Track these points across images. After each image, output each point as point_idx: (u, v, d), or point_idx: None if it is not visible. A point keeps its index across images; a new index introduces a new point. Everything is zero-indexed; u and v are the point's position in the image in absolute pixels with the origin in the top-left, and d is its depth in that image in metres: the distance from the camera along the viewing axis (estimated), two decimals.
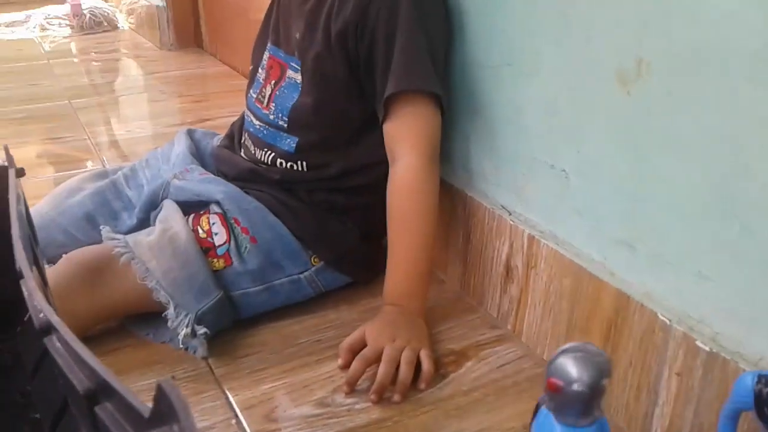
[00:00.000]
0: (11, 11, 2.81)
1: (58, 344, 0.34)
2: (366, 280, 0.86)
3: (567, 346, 0.49)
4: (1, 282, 0.54)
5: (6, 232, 0.51)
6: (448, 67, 0.81)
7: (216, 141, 0.98)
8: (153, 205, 0.86)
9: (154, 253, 0.75)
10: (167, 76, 1.96)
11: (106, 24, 2.53)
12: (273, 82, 0.84)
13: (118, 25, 2.57)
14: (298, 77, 0.81)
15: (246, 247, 0.78)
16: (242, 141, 0.90)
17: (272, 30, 0.87)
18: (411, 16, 0.74)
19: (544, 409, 0.50)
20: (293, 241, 0.80)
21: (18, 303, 0.55)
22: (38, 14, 2.60)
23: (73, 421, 0.43)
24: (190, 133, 0.97)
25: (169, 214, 0.79)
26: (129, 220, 0.87)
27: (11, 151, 0.53)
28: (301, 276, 0.81)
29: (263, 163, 0.84)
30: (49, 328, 0.35)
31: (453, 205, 0.86)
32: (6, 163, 0.53)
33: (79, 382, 0.31)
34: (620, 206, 0.64)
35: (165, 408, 0.25)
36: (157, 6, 2.22)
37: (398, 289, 0.76)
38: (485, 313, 0.83)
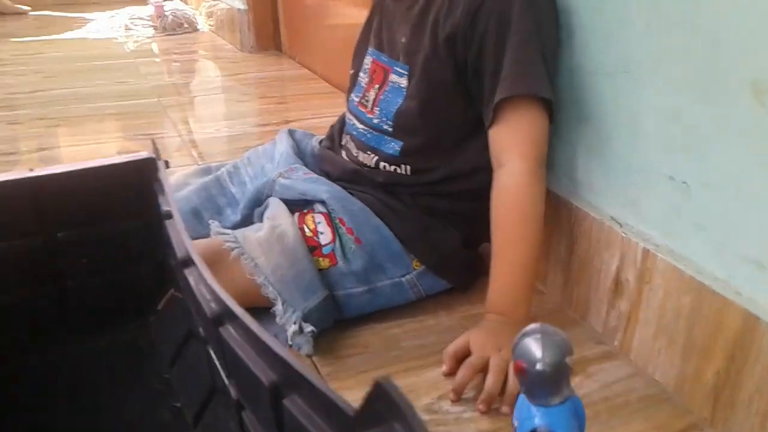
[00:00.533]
0: (96, 11, 2.91)
1: (233, 332, 0.34)
2: (464, 287, 0.86)
3: (527, 328, 0.51)
4: (137, 270, 0.55)
5: (148, 222, 0.53)
6: (555, 73, 0.80)
7: (315, 141, 0.99)
8: (257, 201, 0.87)
9: (263, 250, 0.76)
10: (248, 78, 2.00)
11: (186, 26, 2.59)
12: (376, 86, 0.85)
13: (198, 27, 2.64)
14: (403, 81, 0.81)
15: (351, 248, 0.79)
16: (343, 143, 0.91)
17: (374, 35, 0.87)
18: (524, 21, 0.73)
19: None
20: (396, 244, 0.80)
21: (152, 290, 0.56)
22: (123, 14, 2.68)
23: (220, 412, 0.43)
24: (291, 133, 0.98)
25: (277, 212, 0.80)
26: (233, 215, 0.89)
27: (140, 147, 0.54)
28: (403, 279, 0.81)
29: (366, 165, 0.84)
30: (222, 318, 0.35)
31: (556, 214, 0.84)
32: (152, 155, 0.54)
33: (263, 373, 0.31)
34: (751, 222, 0.61)
35: (381, 407, 0.25)
36: (239, 9, 2.27)
37: (503, 298, 0.75)
38: (589, 327, 0.81)
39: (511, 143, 0.74)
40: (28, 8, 2.95)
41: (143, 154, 0.54)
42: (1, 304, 0.48)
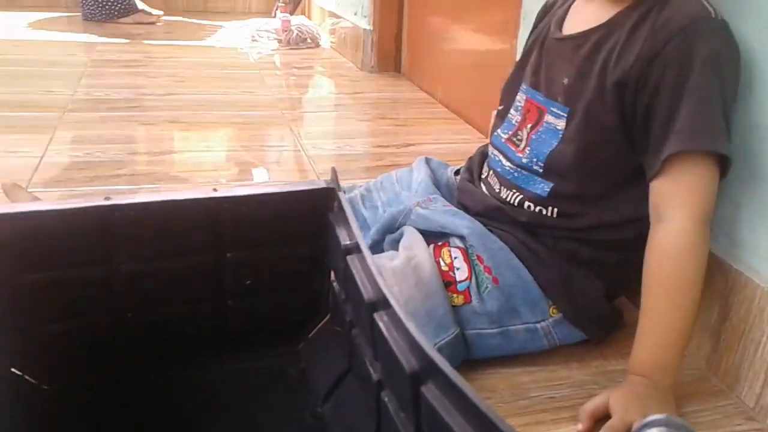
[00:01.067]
0: (224, 20, 3.03)
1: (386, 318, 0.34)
2: (600, 339, 0.81)
3: (651, 418, 0.48)
4: (294, 297, 0.55)
5: (314, 250, 0.52)
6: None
7: (450, 172, 0.97)
8: (390, 228, 0.86)
9: (397, 279, 0.74)
10: (369, 97, 2.01)
11: (310, 41, 2.65)
12: (529, 125, 0.82)
13: (320, 43, 2.69)
14: (560, 123, 0.78)
15: (487, 287, 0.76)
16: (483, 176, 0.88)
17: (531, 72, 0.84)
18: (706, 73, 0.68)
19: None
20: (535, 288, 0.76)
21: (305, 319, 0.56)
22: (250, 26, 2.77)
23: None
24: (428, 162, 0.97)
25: (414, 242, 0.78)
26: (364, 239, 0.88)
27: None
28: (538, 326, 0.78)
29: (509, 203, 0.81)
30: (377, 305, 0.35)
31: (709, 275, 0.78)
32: (331, 185, 0.53)
33: (407, 360, 0.31)
34: None
35: None
36: (364, 29, 2.30)
37: (650, 360, 0.70)
38: (738, 400, 0.75)
39: (678, 199, 0.69)
40: (161, 12, 3.09)
41: (322, 183, 0.53)
42: (166, 317, 0.48)
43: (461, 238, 0.78)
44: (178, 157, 1.39)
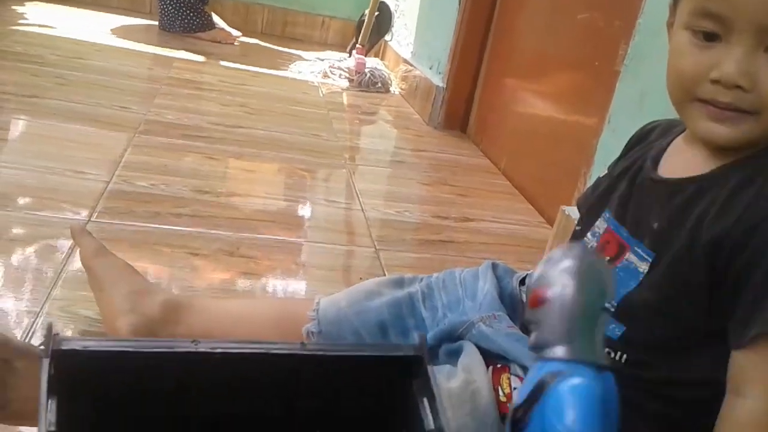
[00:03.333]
0: (299, 48, 3.06)
1: None
2: None
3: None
4: None
5: (386, 414, 0.51)
6: None
7: (515, 281, 0.94)
8: (449, 337, 0.84)
9: (452, 403, 0.72)
10: (431, 156, 2.01)
11: (380, 85, 2.66)
12: (607, 259, 0.79)
13: (390, 89, 2.70)
14: (642, 266, 0.75)
15: None
16: None
17: (618, 203, 0.82)
18: None
19: None
20: None
21: None
22: (324, 61, 2.80)
23: None
24: (494, 268, 0.94)
25: (473, 365, 0.76)
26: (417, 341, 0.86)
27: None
28: None
29: None
30: None
31: None
32: (420, 353, 0.52)
33: None
34: None
35: None
36: (437, 86, 2.30)
37: None
38: None
39: (759, 377, 0.66)
40: (239, 33, 3.14)
41: (410, 349, 0.52)
42: None
43: (523, 367, 0.76)
44: (239, 202, 1.39)
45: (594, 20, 1.59)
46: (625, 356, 0.75)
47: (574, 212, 1.30)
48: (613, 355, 0.76)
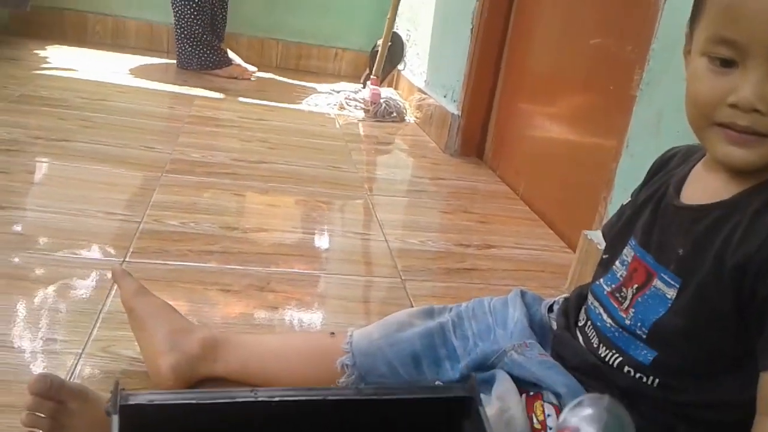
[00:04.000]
0: (314, 81, 3.12)
1: None
2: None
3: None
4: None
5: None
6: None
7: (544, 309, 0.96)
8: (481, 367, 0.85)
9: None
10: (450, 185, 2.03)
11: (395, 115, 2.70)
12: (635, 286, 0.81)
13: (405, 118, 2.74)
14: (670, 293, 0.77)
15: None
16: (580, 325, 0.88)
17: (643, 231, 0.84)
18: None
19: None
20: None
21: None
22: (339, 93, 2.85)
23: None
24: (523, 296, 0.96)
25: (507, 393, 0.78)
26: (451, 371, 0.88)
27: None
28: None
29: (608, 363, 0.80)
30: None
31: None
32: (471, 394, 0.54)
33: None
34: None
35: None
36: (452, 113, 2.33)
37: None
38: None
39: None
40: (255, 69, 3.20)
41: (461, 390, 0.54)
42: None
43: (556, 394, 0.78)
44: (266, 237, 1.43)
45: (606, 45, 1.62)
46: (657, 381, 0.77)
47: (596, 236, 1.32)
48: (645, 379, 0.78)
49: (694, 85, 0.73)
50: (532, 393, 0.79)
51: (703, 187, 0.79)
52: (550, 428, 0.76)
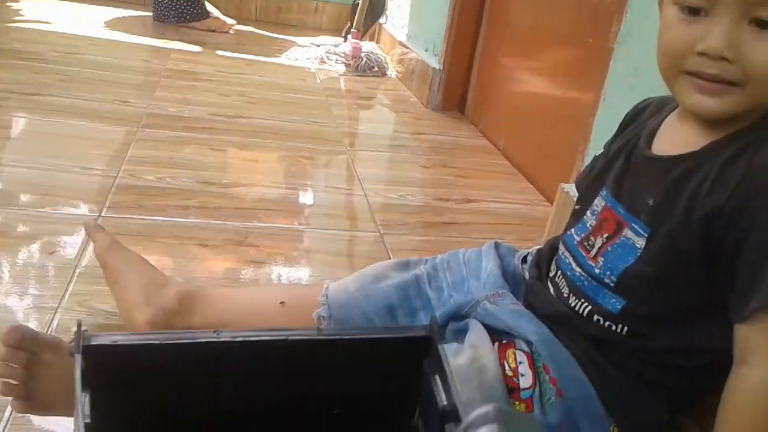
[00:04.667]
0: (294, 35, 3.07)
1: None
2: None
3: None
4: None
5: (401, 393, 0.54)
6: None
7: (517, 260, 0.97)
8: (455, 317, 0.87)
9: (460, 379, 0.74)
10: (430, 139, 2.03)
11: (377, 69, 2.68)
12: (605, 236, 0.81)
13: (387, 72, 2.71)
14: (639, 242, 0.78)
15: (550, 399, 0.76)
16: (551, 275, 0.89)
17: (614, 181, 0.84)
18: None
19: None
20: (598, 405, 0.76)
21: None
22: (320, 46, 2.81)
23: None
24: (497, 248, 0.97)
25: (480, 342, 0.79)
26: (425, 321, 0.89)
27: None
28: None
29: (577, 312, 0.82)
30: None
31: None
32: (431, 333, 0.55)
33: None
34: None
35: None
36: (433, 68, 2.31)
37: None
38: None
39: (764, 348, 0.69)
40: (234, 21, 3.15)
41: (421, 330, 0.55)
42: None
43: (528, 342, 0.79)
44: (245, 192, 1.42)
45: None
46: (626, 329, 0.78)
47: (572, 190, 1.33)
48: (614, 327, 0.79)
49: (664, 33, 0.73)
50: (504, 341, 0.80)
51: (675, 139, 0.80)
52: (522, 375, 0.77)
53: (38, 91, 1.80)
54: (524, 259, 0.98)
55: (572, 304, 0.83)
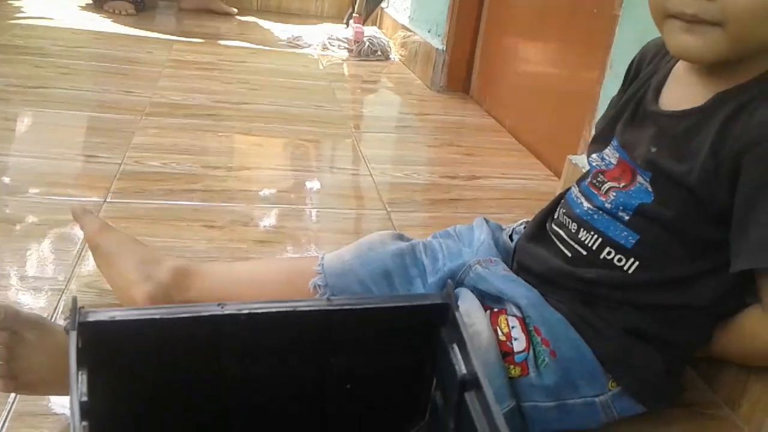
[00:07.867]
0: (296, 23, 3.06)
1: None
2: (659, 410, 0.81)
3: None
4: (395, 402, 0.55)
5: (417, 364, 0.53)
6: None
7: (504, 236, 0.96)
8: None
9: None
10: (436, 119, 2.02)
11: (380, 53, 2.66)
12: (623, 184, 0.80)
13: (390, 56, 2.70)
14: (650, 187, 0.77)
15: (544, 360, 0.76)
16: (556, 219, 0.87)
17: (622, 131, 0.83)
18: None
19: None
20: (593, 362, 0.76)
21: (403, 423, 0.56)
22: (322, 32, 2.80)
23: None
24: (487, 222, 0.97)
25: (472, 309, 0.78)
26: (423, 289, 0.88)
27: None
28: (596, 399, 0.77)
29: (587, 246, 0.80)
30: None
31: None
32: (447, 300, 0.54)
33: None
34: None
35: None
36: (436, 49, 2.30)
37: None
38: None
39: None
40: (236, 10, 3.14)
41: (437, 297, 0.54)
42: (268, 418, 0.50)
43: (518, 307, 0.78)
44: (250, 175, 1.42)
45: None
46: (636, 264, 0.78)
47: (580, 160, 1.32)
48: (623, 262, 0.78)
49: None
50: (496, 309, 0.80)
51: (680, 93, 0.79)
52: (515, 339, 0.77)
53: (42, 84, 1.80)
54: (510, 238, 0.97)
55: (582, 239, 0.81)
